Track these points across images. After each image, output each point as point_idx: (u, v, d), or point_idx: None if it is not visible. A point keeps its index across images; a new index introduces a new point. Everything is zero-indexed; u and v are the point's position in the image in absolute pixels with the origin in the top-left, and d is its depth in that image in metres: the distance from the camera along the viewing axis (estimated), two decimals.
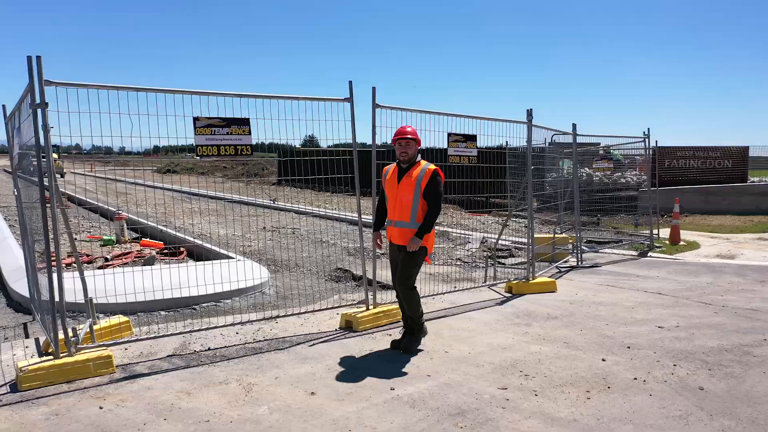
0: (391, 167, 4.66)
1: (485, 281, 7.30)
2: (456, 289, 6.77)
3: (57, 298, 3.99)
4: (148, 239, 10.58)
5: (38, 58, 3.81)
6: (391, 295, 5.95)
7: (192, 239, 10.07)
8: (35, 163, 4.18)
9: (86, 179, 17.24)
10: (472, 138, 6.13)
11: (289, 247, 10.13)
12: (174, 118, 4.32)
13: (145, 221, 12.42)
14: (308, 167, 5.74)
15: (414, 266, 4.48)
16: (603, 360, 4.31)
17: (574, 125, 8.81)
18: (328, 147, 5.61)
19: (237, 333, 4.94)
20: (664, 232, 11.53)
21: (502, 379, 3.93)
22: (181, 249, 9.61)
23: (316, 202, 19.56)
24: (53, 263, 3.95)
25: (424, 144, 5.29)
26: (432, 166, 4.47)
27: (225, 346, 4.61)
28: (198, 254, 9.27)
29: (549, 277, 7.37)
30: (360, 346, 4.67)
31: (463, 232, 11.53)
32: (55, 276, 3.95)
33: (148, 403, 3.53)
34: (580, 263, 8.75)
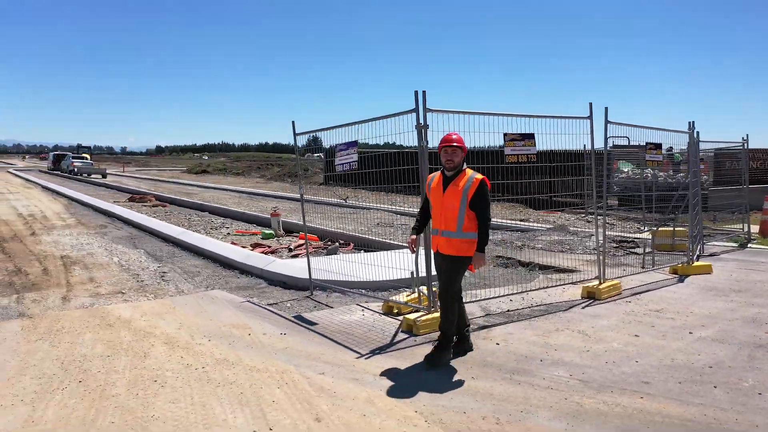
0: (436, 175, 4.63)
1: (643, 266, 8.67)
2: (629, 273, 8.12)
3: (425, 272, 5.38)
4: (303, 233, 11.96)
5: (424, 92, 5.19)
6: (615, 272, 7.28)
7: (350, 233, 11.44)
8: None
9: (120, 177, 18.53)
10: (658, 146, 7.53)
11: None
12: (492, 134, 5.71)
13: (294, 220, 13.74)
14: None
15: (457, 274, 4.43)
16: None
17: (697, 132, 10.17)
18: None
19: (511, 300, 6.31)
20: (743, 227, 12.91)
21: (761, 327, 5.31)
22: (340, 241, 10.99)
23: (382, 201, 20.92)
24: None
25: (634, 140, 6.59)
26: (479, 176, 4.41)
27: (518, 309, 6.00)
28: (357, 246, 10.63)
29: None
30: (616, 308, 6.05)
31: (575, 228, 12.90)
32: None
33: (527, 341, 4.91)
34: (701, 253, 10.13)
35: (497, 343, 4.87)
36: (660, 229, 10.60)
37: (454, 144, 4.43)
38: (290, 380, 4.11)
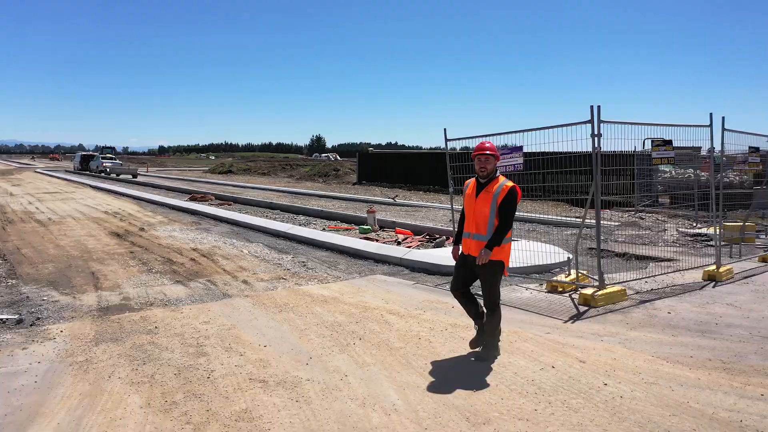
0: (471, 182, 4.82)
1: (730, 256, 9.74)
2: (725, 263, 9.18)
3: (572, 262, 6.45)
4: (399, 228, 13.05)
5: (599, 107, 6.28)
6: (708, 261, 8.33)
7: (443, 228, 12.52)
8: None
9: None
10: (756, 149, 8.62)
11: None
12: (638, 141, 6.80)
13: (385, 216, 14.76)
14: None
15: (495, 283, 4.62)
16: None
17: None
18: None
19: (646, 282, 7.39)
20: None
21: None
22: (436, 235, 12.06)
23: (426, 199, 21.97)
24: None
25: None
26: (510, 183, 4.58)
27: (660, 288, 7.08)
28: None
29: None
30: (741, 288, 7.13)
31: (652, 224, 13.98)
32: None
33: (690, 311, 5.99)
34: None
35: (668, 312, 5.95)
36: (736, 223, 11.69)
37: (487, 152, 4.60)
38: (528, 337, 5.19)
